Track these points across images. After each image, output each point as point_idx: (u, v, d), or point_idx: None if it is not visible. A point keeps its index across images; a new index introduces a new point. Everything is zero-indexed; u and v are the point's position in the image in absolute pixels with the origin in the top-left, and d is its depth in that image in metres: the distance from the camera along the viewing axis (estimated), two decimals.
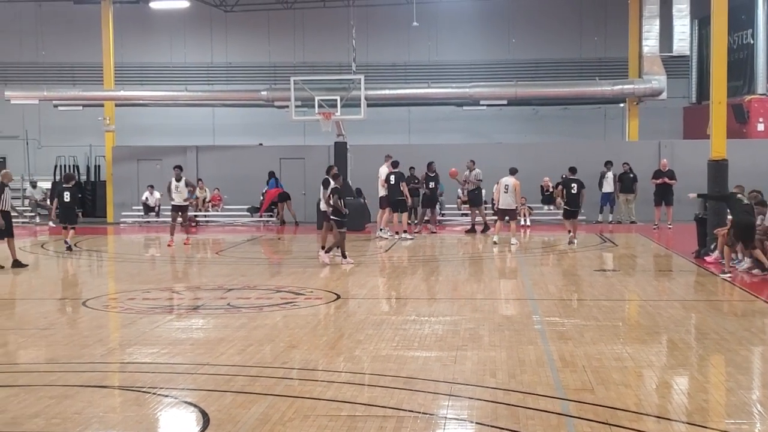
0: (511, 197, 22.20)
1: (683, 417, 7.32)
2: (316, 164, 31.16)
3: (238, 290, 14.83)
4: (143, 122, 35.90)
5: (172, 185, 23.15)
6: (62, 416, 7.37)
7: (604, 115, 36.28)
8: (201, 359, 9.53)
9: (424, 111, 35.97)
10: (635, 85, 31.27)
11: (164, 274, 18.23)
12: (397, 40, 36.51)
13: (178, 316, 12.61)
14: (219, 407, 7.64)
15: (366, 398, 7.89)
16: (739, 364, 9.24)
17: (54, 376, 8.80)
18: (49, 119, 36.50)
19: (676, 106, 35.51)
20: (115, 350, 10.24)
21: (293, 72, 31.96)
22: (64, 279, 18.00)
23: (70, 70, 36.83)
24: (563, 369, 8.91)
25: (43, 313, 12.74)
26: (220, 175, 31.71)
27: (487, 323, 11.51)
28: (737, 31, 32.79)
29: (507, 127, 36.33)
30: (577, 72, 35.55)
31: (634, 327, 11.74)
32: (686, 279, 16.28)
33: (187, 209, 24.45)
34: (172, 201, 23.25)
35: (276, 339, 10.53)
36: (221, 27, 37.43)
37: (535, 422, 7.14)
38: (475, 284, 15.87)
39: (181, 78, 36.47)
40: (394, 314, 12.64)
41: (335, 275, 16.99)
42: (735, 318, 12.26)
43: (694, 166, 26.11)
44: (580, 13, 36.71)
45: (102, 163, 34.45)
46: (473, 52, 36.79)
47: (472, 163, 26.98)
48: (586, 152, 30.34)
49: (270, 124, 35.15)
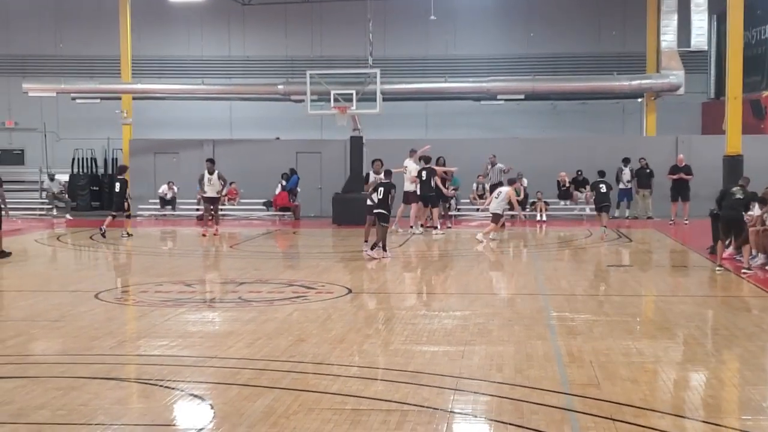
0: (499, 204, 22.04)
1: (689, 413, 7.31)
2: (333, 158, 31.27)
3: (250, 284, 14.86)
4: (160, 115, 36.01)
5: (204, 178, 23.86)
6: (68, 408, 7.41)
7: (622, 110, 36.10)
8: (209, 352, 9.57)
9: (441, 105, 35.89)
10: (653, 80, 31.13)
11: (178, 267, 18.28)
12: (415, 34, 36.44)
13: (188, 309, 12.65)
14: (225, 400, 7.68)
15: (371, 392, 7.91)
16: (747, 360, 9.19)
17: (62, 368, 8.85)
18: (67, 112, 36.67)
19: (695, 102, 35.31)
20: (125, 343, 10.30)
21: (310, 66, 32.00)
22: (77, 271, 18.11)
23: (88, 62, 36.93)
24: (570, 364, 8.89)
25: (55, 305, 12.81)
26: (237, 169, 31.69)
27: (497, 318, 11.50)
28: (756, 26, 32.61)
29: (524, 121, 36.20)
30: (596, 67, 35.36)
31: (644, 322, 11.71)
32: (699, 275, 16.19)
33: (218, 201, 24.98)
34: (205, 193, 24.05)
35: (285, 333, 10.55)
36: (239, 20, 37.50)
37: (539, 417, 7.13)
38: (487, 279, 15.85)
39: (198, 71, 36.58)
40: (404, 309, 12.64)
41: (348, 269, 17.02)
42: (746, 314, 12.19)
43: (712, 161, 26.08)
44: (599, 7, 36.55)
45: (119, 156, 34.58)
46: (491, 47, 36.70)
47: (494, 157, 26.96)
48: (604, 147, 30.25)
49: (287, 118, 35.17)
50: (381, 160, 21.96)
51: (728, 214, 16.24)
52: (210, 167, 24.00)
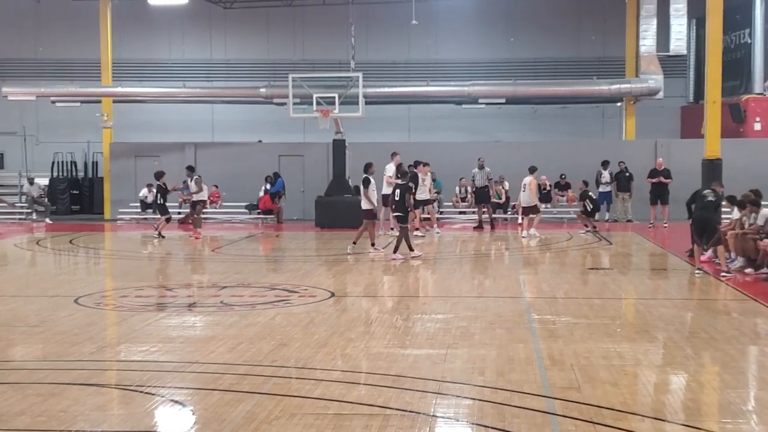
0: (527, 195, 23.83)
1: (669, 416, 7.34)
2: (315, 162, 31.28)
3: (232, 288, 14.83)
4: (141, 119, 35.89)
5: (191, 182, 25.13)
6: (48, 414, 7.38)
7: (602, 114, 36.29)
8: (190, 357, 9.54)
9: (423, 109, 35.95)
10: (632, 84, 31.27)
11: (158, 271, 18.22)
12: (397, 37, 36.49)
13: (169, 313, 12.61)
14: (206, 405, 7.67)
15: (354, 396, 7.90)
16: (727, 364, 9.24)
17: (42, 374, 8.81)
18: (47, 115, 36.47)
19: (674, 106, 35.53)
20: (105, 348, 10.26)
21: (292, 69, 31.97)
22: (57, 276, 18.00)
23: (68, 66, 36.77)
24: (551, 367, 8.92)
25: (34, 310, 12.74)
26: (219, 172, 31.65)
27: (479, 321, 11.53)
28: (734, 30, 32.84)
29: (506, 125, 36.31)
30: (576, 71, 35.52)
31: (624, 325, 11.76)
32: (679, 278, 16.27)
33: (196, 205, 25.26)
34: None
35: (267, 337, 10.53)
36: (220, 23, 37.41)
37: (521, 420, 7.15)
38: (470, 282, 15.87)
39: (179, 74, 36.46)
40: (387, 312, 12.66)
41: (331, 273, 17.01)
42: (725, 317, 12.28)
43: (691, 165, 26.25)
44: (579, 12, 36.70)
45: (100, 159, 34.47)
46: (472, 51, 36.78)
47: (482, 160, 27.12)
48: (584, 151, 30.46)
49: (269, 122, 35.15)
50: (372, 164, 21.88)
51: (699, 215, 16.39)
52: (189, 173, 25.04)
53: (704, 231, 16.44)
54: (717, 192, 16.90)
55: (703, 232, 16.49)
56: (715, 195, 16.62)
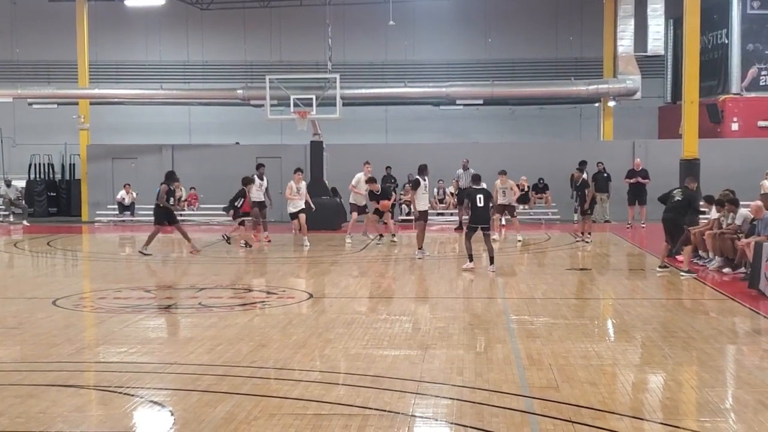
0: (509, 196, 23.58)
1: (647, 415, 7.39)
2: (293, 163, 31.07)
3: (210, 289, 14.80)
4: (118, 121, 35.75)
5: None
6: (26, 415, 7.35)
7: (579, 114, 36.47)
8: (169, 358, 9.52)
9: (401, 110, 36.03)
10: (610, 84, 31.34)
11: (136, 273, 18.15)
12: (374, 39, 36.53)
13: (148, 315, 12.57)
14: (185, 406, 7.65)
15: (333, 397, 7.91)
16: (705, 363, 9.30)
17: (20, 375, 8.76)
18: (24, 117, 36.29)
19: (652, 106, 35.75)
20: (83, 349, 10.21)
21: (269, 70, 31.90)
22: (35, 278, 17.91)
23: (44, 68, 36.62)
24: (530, 367, 8.96)
25: (12, 312, 12.68)
26: (196, 174, 31.56)
27: (458, 322, 11.56)
28: (711, 31, 33.04)
29: (483, 126, 36.43)
30: (553, 72, 35.67)
31: (602, 325, 11.82)
32: (656, 278, 16.31)
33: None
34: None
35: (246, 338, 10.52)
36: (197, 25, 37.33)
37: (499, 420, 7.18)
38: (448, 283, 15.89)
39: (156, 76, 36.34)
40: (365, 313, 12.66)
41: (309, 274, 17.00)
42: (703, 316, 12.35)
43: (668, 165, 26.32)
44: (556, 13, 36.86)
45: (77, 161, 34.31)
46: (450, 52, 36.87)
47: (466, 161, 27.08)
48: (562, 152, 30.53)
49: (246, 123, 35.09)
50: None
51: (665, 216, 16.48)
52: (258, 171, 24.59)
53: (672, 232, 16.47)
54: (689, 189, 16.82)
55: (671, 233, 16.51)
56: (683, 194, 16.51)
